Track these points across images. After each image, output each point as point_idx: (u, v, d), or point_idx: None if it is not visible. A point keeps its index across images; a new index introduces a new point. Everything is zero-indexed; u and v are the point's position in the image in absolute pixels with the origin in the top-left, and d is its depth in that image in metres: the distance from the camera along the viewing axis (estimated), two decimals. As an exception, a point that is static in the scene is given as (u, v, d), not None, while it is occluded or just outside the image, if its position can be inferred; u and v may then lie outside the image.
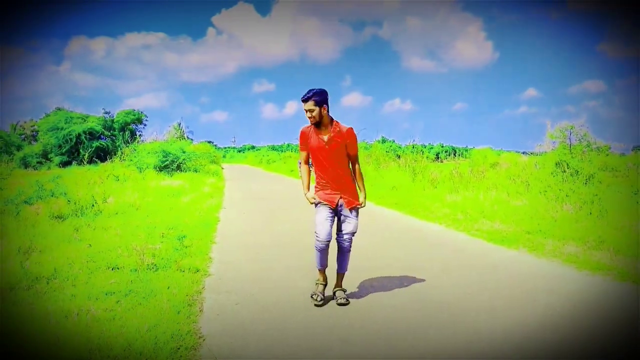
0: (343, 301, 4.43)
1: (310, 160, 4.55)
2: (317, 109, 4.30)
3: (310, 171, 4.60)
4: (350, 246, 4.55)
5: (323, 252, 4.46)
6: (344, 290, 4.59)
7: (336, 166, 4.42)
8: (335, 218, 4.53)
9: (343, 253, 4.55)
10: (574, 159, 10.55)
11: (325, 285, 4.55)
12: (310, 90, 4.31)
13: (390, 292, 4.75)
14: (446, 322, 3.94)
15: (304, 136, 4.49)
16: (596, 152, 10.97)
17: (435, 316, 4.09)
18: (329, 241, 4.41)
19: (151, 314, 3.91)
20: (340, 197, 4.44)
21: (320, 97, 4.30)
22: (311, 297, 4.47)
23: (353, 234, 4.52)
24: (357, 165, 4.56)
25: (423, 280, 5.17)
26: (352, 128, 4.45)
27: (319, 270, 4.57)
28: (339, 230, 4.53)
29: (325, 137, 4.38)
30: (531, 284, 5.00)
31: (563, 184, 9.84)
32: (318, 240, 4.42)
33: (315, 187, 4.52)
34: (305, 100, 4.32)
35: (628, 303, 4.47)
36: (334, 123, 4.42)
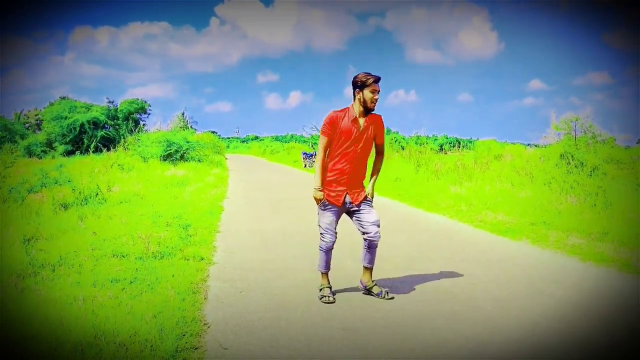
0: (387, 295, 4.24)
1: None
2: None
3: (326, 160, 4.23)
4: (379, 238, 4.28)
5: (329, 253, 4.29)
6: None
7: (363, 156, 4.19)
8: (348, 217, 4.33)
9: (372, 248, 4.30)
10: (578, 151, 10.51)
11: (331, 288, 4.31)
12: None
13: (394, 282, 4.76)
14: (450, 312, 3.94)
15: (334, 121, 4.13)
16: (601, 144, 10.92)
17: (439, 306, 4.09)
18: (334, 242, 4.28)
19: (156, 301, 3.93)
20: (347, 194, 4.19)
21: None
22: (320, 299, 4.19)
23: (378, 223, 4.24)
24: (382, 156, 4.41)
25: (427, 270, 5.18)
26: (381, 116, 4.26)
27: (323, 273, 4.34)
28: (361, 226, 4.25)
29: (361, 124, 4.13)
30: (535, 275, 5.00)
31: (567, 176, 9.81)
32: (324, 241, 4.25)
33: (324, 184, 4.22)
34: (378, 80, 4.11)
35: (631, 294, 4.46)
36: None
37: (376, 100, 4.13)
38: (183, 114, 37.55)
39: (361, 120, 4.14)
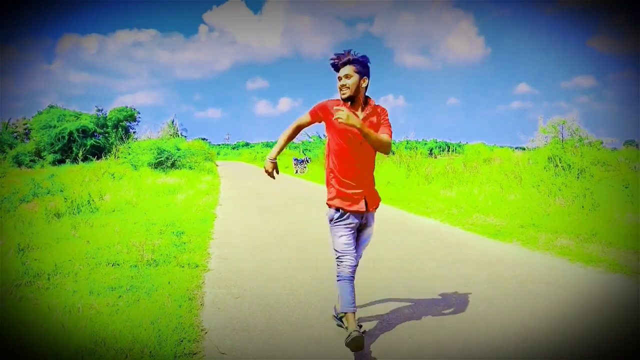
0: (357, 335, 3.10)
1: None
2: (356, 77, 3.30)
3: (293, 137, 3.64)
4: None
5: (351, 282, 3.35)
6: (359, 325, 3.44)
7: (366, 155, 3.42)
8: None
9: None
10: (566, 154, 10.67)
11: (363, 333, 3.46)
12: (348, 51, 3.34)
13: (386, 284, 4.82)
14: (442, 313, 4.03)
15: (323, 109, 3.43)
16: (588, 147, 11.10)
17: (432, 307, 4.17)
18: (356, 267, 3.43)
19: (153, 308, 3.96)
20: (364, 198, 3.44)
21: (363, 67, 3.32)
22: (347, 344, 3.11)
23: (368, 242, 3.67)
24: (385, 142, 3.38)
25: (418, 272, 5.26)
26: (385, 108, 3.46)
27: (349, 314, 3.26)
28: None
29: (359, 116, 3.35)
30: (525, 276, 5.10)
31: (555, 179, 9.97)
32: (341, 266, 3.36)
33: (328, 188, 3.52)
34: (344, 64, 3.32)
35: (620, 294, 4.57)
36: (369, 101, 3.43)
37: (345, 87, 3.33)
38: (173, 121, 37.55)
39: (360, 113, 3.38)
